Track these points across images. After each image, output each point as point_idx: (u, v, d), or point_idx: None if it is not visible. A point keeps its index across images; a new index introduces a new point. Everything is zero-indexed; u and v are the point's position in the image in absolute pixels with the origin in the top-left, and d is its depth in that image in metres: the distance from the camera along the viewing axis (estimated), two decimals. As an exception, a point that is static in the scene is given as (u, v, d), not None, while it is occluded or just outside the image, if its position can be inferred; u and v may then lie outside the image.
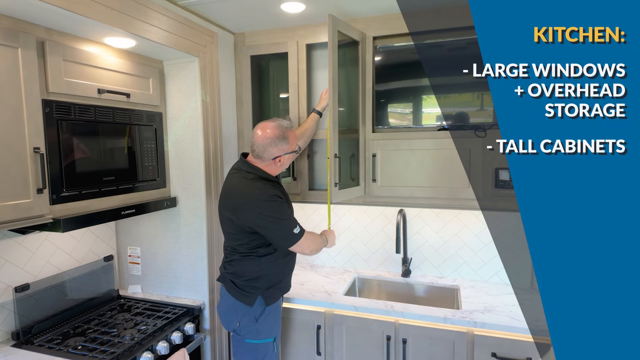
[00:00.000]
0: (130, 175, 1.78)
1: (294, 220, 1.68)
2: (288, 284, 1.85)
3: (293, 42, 2.18)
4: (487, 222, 2.23)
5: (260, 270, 1.68)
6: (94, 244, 2.05)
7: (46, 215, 1.39)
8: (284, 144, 1.66)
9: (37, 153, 1.34)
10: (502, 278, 2.23)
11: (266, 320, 1.71)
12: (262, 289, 1.69)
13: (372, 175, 2.11)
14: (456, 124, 1.96)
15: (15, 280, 1.66)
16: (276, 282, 1.74)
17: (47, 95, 1.40)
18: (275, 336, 1.75)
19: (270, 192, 1.63)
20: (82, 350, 1.56)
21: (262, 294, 1.69)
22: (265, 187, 1.64)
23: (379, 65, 2.04)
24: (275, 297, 1.74)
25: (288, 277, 1.83)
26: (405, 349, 1.83)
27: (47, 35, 1.42)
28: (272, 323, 1.74)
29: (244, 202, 1.62)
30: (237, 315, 1.69)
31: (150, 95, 1.89)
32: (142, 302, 2.04)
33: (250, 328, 1.69)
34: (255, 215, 1.60)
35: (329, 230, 1.98)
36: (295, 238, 1.65)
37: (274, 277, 1.73)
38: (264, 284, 1.70)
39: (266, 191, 1.63)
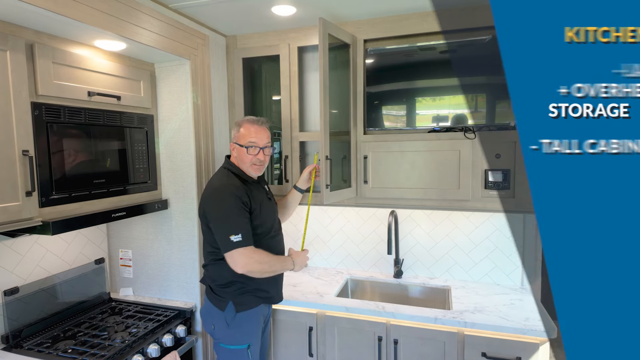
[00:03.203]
0: (121, 177, 1.78)
1: (240, 226, 1.52)
2: (272, 293, 1.74)
3: (285, 44, 2.19)
4: (478, 223, 2.26)
5: (232, 276, 1.60)
6: (85, 246, 2.04)
7: (35, 218, 1.38)
8: (234, 131, 1.67)
9: (26, 156, 1.34)
10: (492, 278, 2.25)
11: (239, 326, 1.64)
12: (233, 294, 1.63)
13: (363, 176, 2.13)
14: (453, 125, 1.97)
15: (5, 284, 1.65)
16: (252, 290, 1.66)
17: (36, 98, 1.40)
18: (250, 343, 1.66)
19: (228, 187, 1.56)
20: (72, 353, 1.55)
21: (233, 300, 1.63)
22: (228, 180, 1.59)
23: (370, 68, 2.06)
24: (249, 304, 1.65)
25: (271, 285, 1.72)
26: (397, 350, 1.84)
27: (37, 38, 1.42)
28: (245, 330, 1.65)
29: (204, 193, 1.62)
30: (212, 318, 1.66)
31: (141, 98, 1.89)
32: (134, 305, 2.04)
33: (223, 332, 1.64)
34: (206, 209, 1.59)
35: (299, 251, 1.78)
36: (230, 246, 1.51)
37: (249, 284, 1.64)
38: (235, 290, 1.63)
39: (224, 184, 1.58)
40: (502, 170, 1.92)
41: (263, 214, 1.66)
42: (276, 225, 1.79)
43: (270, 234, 1.71)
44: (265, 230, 1.69)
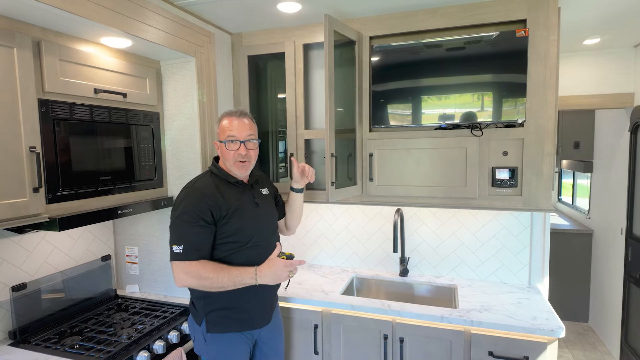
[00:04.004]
0: (127, 174, 1.79)
1: (184, 237, 1.40)
2: (252, 313, 1.54)
3: (290, 42, 2.19)
4: (484, 221, 2.23)
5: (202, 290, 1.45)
6: (91, 243, 2.05)
7: (42, 214, 1.39)
8: (216, 127, 1.59)
9: (33, 152, 1.35)
10: (499, 277, 2.23)
11: (215, 345, 1.50)
12: (204, 310, 1.49)
13: (369, 174, 2.12)
14: (460, 122, 1.94)
15: (12, 280, 1.67)
16: (226, 308, 1.50)
17: (43, 94, 1.41)
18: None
19: (193, 191, 1.46)
20: (79, 349, 1.56)
21: (205, 317, 1.49)
22: (199, 183, 1.50)
23: (375, 66, 2.05)
24: (222, 326, 1.49)
25: (251, 304, 1.52)
26: (403, 348, 1.83)
27: (43, 35, 1.42)
28: (224, 351, 1.50)
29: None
30: (192, 329, 1.58)
31: (147, 95, 1.90)
32: (140, 302, 2.05)
33: (202, 348, 1.54)
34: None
35: (275, 259, 1.49)
36: (172, 255, 1.41)
37: (221, 299, 1.48)
38: (206, 305, 1.50)
39: (190, 187, 1.49)
40: (510, 168, 1.90)
41: (239, 221, 1.49)
42: (260, 235, 1.56)
43: (247, 245, 1.51)
44: (243, 239, 1.50)
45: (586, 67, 2.87)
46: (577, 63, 2.89)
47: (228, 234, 1.48)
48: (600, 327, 3.58)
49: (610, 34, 2.46)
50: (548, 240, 2.14)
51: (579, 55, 2.88)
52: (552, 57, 1.81)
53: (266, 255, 1.54)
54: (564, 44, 2.67)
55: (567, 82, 2.88)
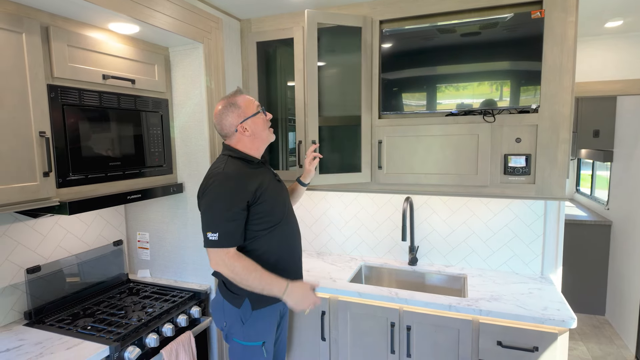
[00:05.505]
0: (136, 160, 1.81)
1: (222, 222, 1.41)
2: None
3: (299, 27, 2.16)
4: (496, 210, 2.19)
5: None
6: (104, 229, 2.09)
7: (53, 198, 1.42)
8: (234, 108, 1.52)
9: (42, 137, 1.37)
10: (511, 267, 2.19)
11: (254, 324, 1.54)
12: (247, 291, 1.50)
13: (378, 162, 2.09)
14: (471, 109, 1.89)
15: (27, 262, 1.72)
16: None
17: (52, 80, 1.43)
18: (266, 340, 1.56)
19: (227, 171, 1.46)
20: (91, 330, 1.60)
21: (249, 297, 1.51)
22: (228, 164, 1.48)
23: (387, 53, 2.00)
24: (266, 301, 1.54)
25: (289, 274, 1.60)
26: (410, 336, 1.82)
27: (51, 21, 1.43)
28: (261, 327, 1.56)
29: (202, 184, 1.50)
30: (224, 315, 1.57)
31: (155, 82, 1.90)
32: (151, 286, 2.09)
33: (237, 329, 1.55)
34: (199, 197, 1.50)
35: (306, 287, 1.53)
36: (206, 242, 1.43)
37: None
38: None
39: (225, 169, 1.47)
40: (523, 155, 1.85)
41: (271, 198, 1.53)
42: (289, 212, 1.65)
43: (281, 222, 1.57)
44: (277, 217, 1.55)
45: (607, 52, 2.76)
46: (597, 47, 2.77)
47: (263, 214, 1.50)
48: (617, 320, 3.50)
49: (634, 16, 2.35)
50: (562, 229, 2.08)
51: (599, 39, 2.77)
52: (570, 39, 1.74)
53: (295, 229, 1.66)
54: (584, 28, 2.56)
55: (586, 67, 2.77)
